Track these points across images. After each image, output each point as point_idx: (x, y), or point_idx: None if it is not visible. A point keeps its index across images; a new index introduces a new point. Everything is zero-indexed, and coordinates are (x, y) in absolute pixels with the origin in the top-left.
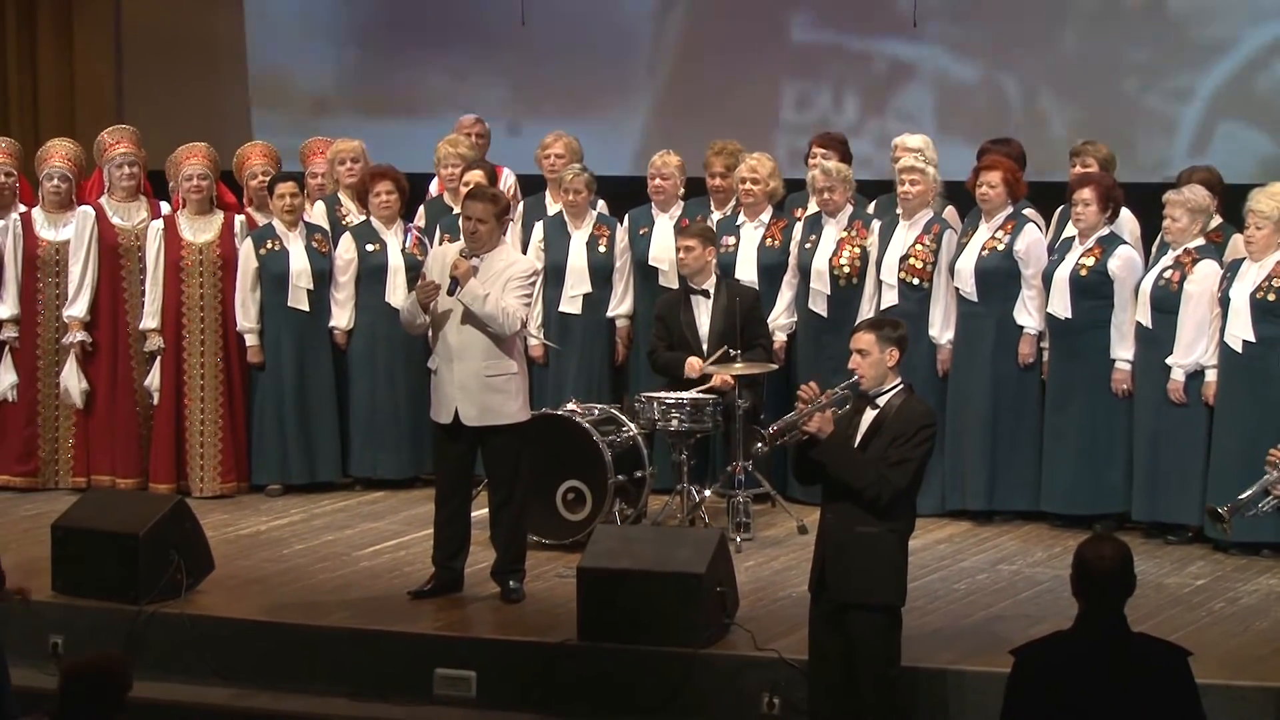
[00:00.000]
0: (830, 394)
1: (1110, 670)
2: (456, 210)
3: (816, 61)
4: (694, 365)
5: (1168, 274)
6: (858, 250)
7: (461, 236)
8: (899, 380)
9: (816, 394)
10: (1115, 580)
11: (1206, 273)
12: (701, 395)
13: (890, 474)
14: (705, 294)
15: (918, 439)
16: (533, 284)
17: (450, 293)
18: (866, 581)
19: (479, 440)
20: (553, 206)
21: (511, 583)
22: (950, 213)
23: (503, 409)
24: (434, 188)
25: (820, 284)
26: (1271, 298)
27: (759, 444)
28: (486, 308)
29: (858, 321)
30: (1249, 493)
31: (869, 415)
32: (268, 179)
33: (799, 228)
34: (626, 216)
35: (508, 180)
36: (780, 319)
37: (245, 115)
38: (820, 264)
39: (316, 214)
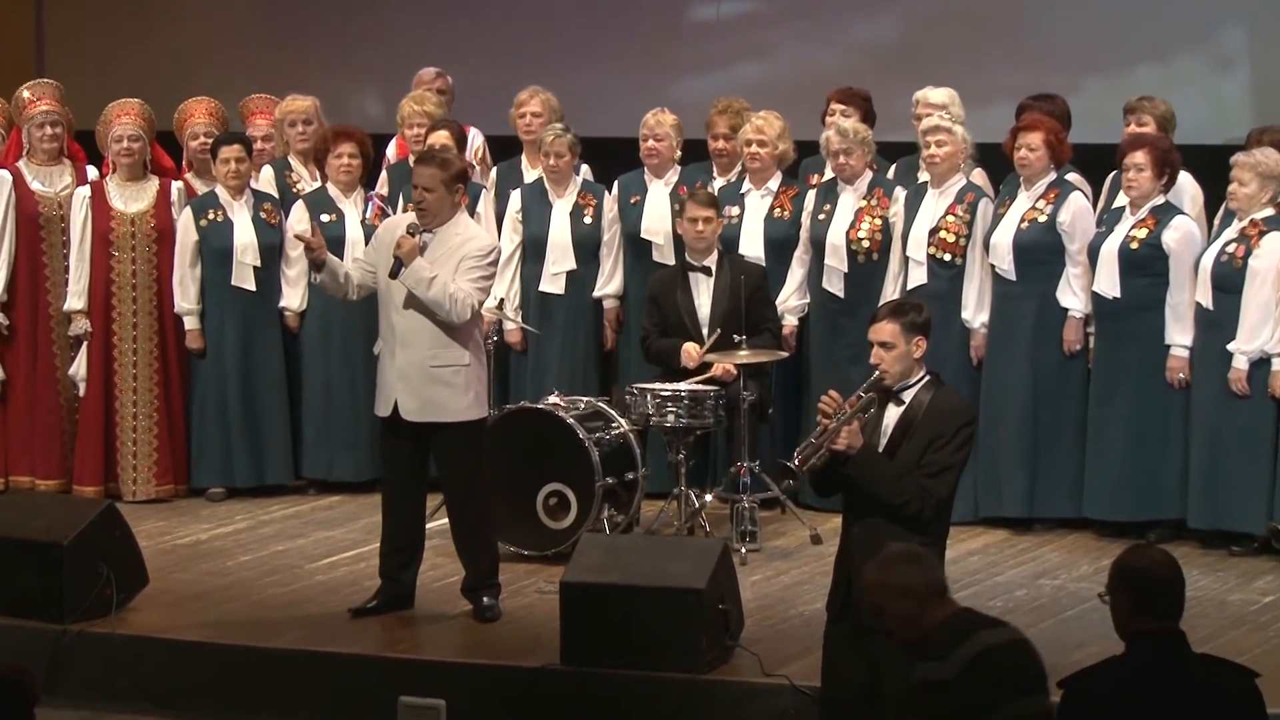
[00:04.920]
0: (854, 401)
1: (1170, 697)
2: None
3: (832, 9)
4: (691, 353)
5: (1231, 248)
6: (879, 221)
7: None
8: (925, 371)
9: (839, 404)
10: (1168, 591)
11: (1275, 247)
12: (701, 387)
13: (932, 484)
14: (707, 271)
15: (958, 440)
16: (492, 264)
17: (393, 275)
18: None
19: (426, 439)
20: (530, 173)
21: (485, 599)
22: (979, 175)
23: (448, 404)
24: (391, 151)
25: (836, 260)
26: None
27: (788, 480)
28: (431, 292)
29: (879, 306)
30: None
31: (893, 414)
32: (211, 140)
33: (812, 196)
34: (615, 183)
35: (475, 142)
36: (790, 300)
37: (185, 67)
38: (836, 237)
39: (264, 180)
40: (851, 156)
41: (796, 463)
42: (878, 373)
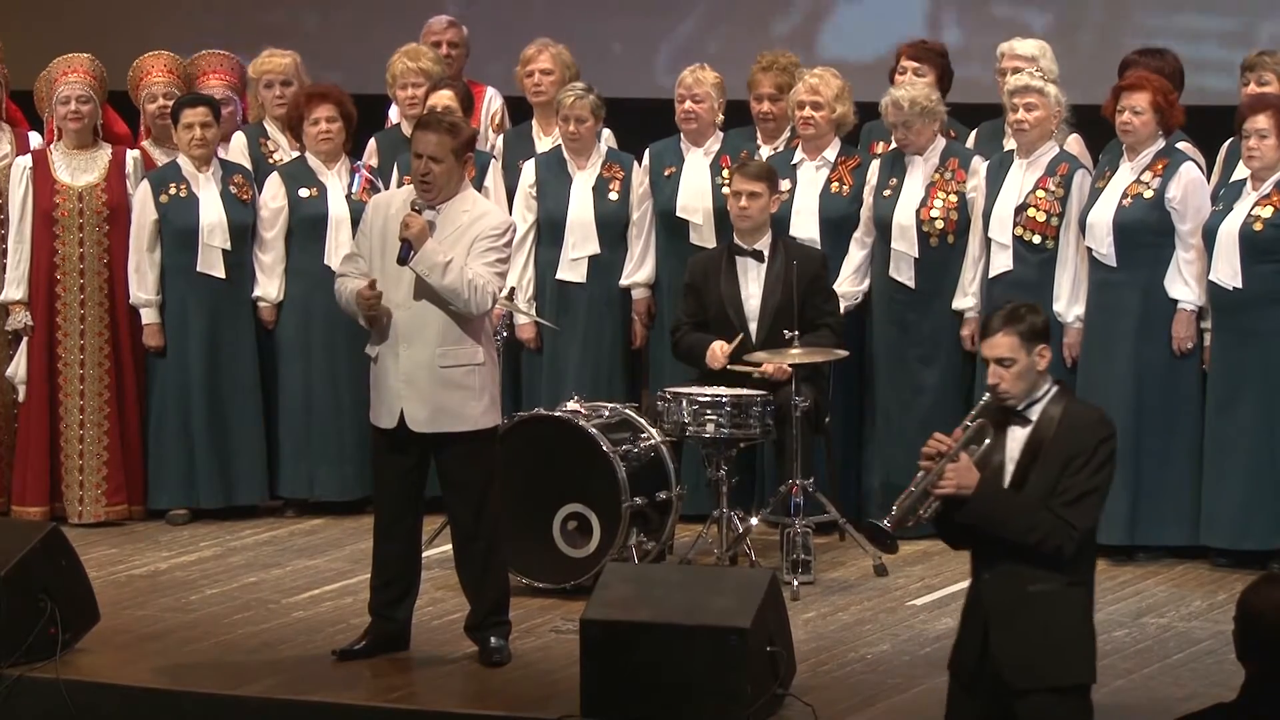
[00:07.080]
0: (960, 433)
1: None
2: None
3: None
4: (716, 353)
5: None
6: (954, 198)
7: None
8: (1050, 382)
9: (947, 445)
10: None
11: None
12: (746, 391)
13: (1071, 514)
14: (757, 256)
15: (1099, 459)
16: (508, 244)
17: (401, 261)
18: (1052, 658)
19: (431, 452)
20: (542, 141)
21: (492, 640)
22: (1075, 143)
23: (462, 411)
24: (395, 114)
25: (904, 244)
26: None
27: (885, 539)
28: (447, 279)
29: (990, 316)
30: None
31: (1019, 436)
32: (172, 103)
33: (875, 168)
34: (646, 153)
35: (493, 104)
36: (844, 286)
37: (141, 17)
38: (904, 217)
39: (235, 150)
40: (911, 130)
41: (889, 523)
42: (989, 395)
